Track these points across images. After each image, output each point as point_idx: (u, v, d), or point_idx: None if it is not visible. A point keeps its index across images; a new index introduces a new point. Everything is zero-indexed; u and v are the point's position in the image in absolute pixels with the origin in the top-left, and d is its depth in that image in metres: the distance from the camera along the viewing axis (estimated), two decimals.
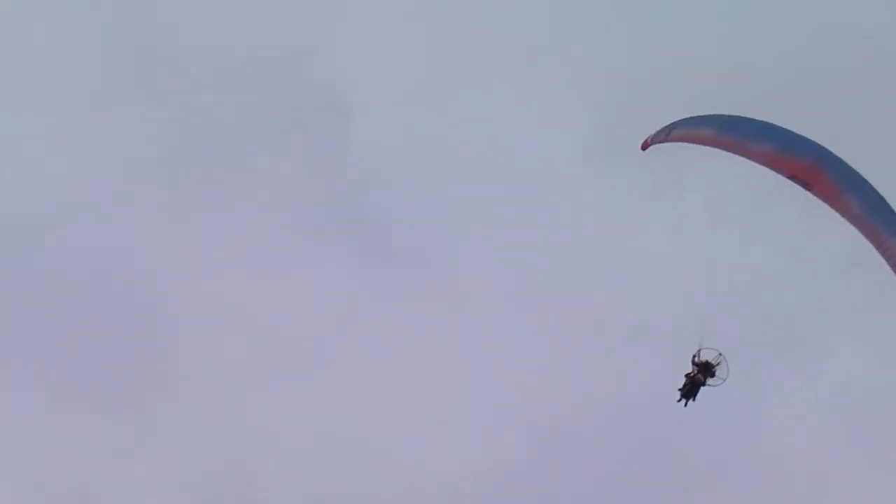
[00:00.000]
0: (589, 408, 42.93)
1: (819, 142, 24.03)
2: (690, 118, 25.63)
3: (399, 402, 44.73)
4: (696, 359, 28.11)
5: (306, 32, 50.23)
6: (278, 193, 49.72)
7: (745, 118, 24.91)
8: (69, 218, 49.29)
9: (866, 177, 23.61)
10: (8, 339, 46.76)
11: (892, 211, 23.36)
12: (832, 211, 23.26)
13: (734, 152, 24.34)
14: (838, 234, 23.67)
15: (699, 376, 28.26)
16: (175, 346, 47.37)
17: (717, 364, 27.81)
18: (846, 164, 23.67)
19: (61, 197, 49.41)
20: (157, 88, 50.31)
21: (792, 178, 23.42)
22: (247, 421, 45.46)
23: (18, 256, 48.42)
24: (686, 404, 28.54)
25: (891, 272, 23.05)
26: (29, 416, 45.56)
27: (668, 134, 25.81)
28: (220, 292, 48.06)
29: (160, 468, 44.78)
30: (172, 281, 48.48)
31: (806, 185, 23.37)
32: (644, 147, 26.52)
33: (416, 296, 46.72)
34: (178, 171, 49.74)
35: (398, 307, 46.45)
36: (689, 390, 28.44)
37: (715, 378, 28.00)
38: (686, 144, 25.14)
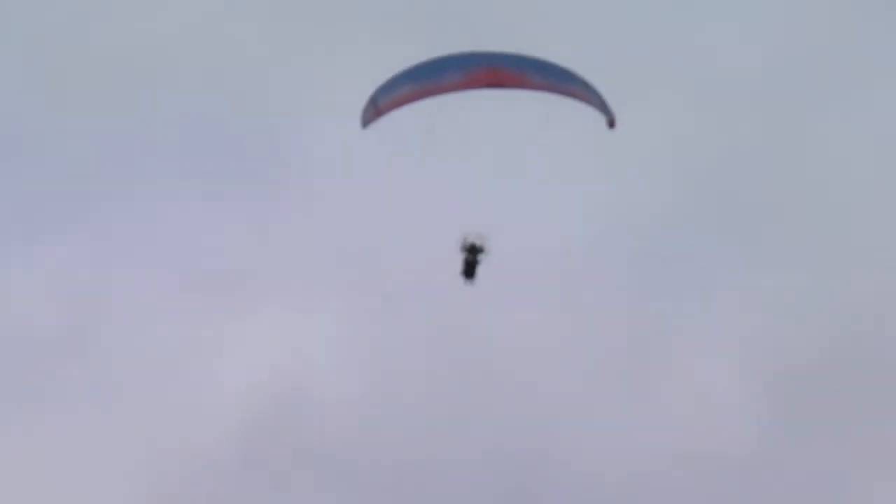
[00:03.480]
0: None
1: None
2: (383, 85, 28.42)
3: None
4: (465, 244, 33.33)
5: None
6: None
7: (421, 63, 28.60)
8: None
9: None
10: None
11: (560, 68, 29.13)
12: None
13: (434, 95, 28.06)
14: None
15: (470, 257, 33.63)
16: None
17: (482, 242, 33.17)
18: (510, 53, 28.80)
19: None
20: None
21: (488, 87, 28.14)
22: None
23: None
24: (474, 283, 33.85)
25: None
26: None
27: (376, 109, 28.43)
28: None
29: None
30: None
31: (499, 87, 28.21)
32: (364, 126, 29.11)
33: None
34: None
35: None
36: (468, 271, 33.82)
37: (483, 252, 33.43)
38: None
